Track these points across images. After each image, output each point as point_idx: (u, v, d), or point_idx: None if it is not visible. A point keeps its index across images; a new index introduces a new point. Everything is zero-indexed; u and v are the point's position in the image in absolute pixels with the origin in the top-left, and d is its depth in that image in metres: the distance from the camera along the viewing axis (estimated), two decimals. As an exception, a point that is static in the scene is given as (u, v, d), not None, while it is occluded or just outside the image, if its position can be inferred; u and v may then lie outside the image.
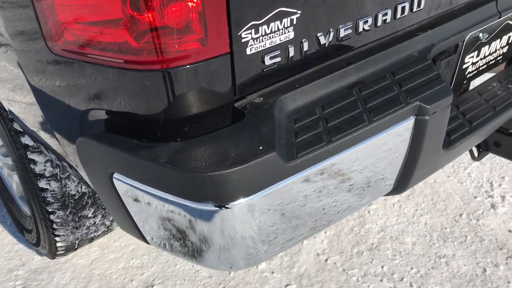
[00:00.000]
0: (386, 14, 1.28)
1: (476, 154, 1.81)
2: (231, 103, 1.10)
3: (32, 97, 1.33)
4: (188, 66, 0.98)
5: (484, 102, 1.54)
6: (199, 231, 1.05)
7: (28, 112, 1.47)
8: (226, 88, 1.06)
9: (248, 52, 1.05)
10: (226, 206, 0.95)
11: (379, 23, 1.28)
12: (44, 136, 1.49)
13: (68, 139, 1.33)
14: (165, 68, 0.97)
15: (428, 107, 1.19)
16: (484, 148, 1.77)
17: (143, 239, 1.23)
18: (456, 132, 1.41)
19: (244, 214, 0.99)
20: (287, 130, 1.10)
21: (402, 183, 1.33)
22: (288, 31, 1.09)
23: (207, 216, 0.98)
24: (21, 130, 1.71)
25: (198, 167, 0.94)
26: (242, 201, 0.97)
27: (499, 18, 1.60)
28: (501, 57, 1.76)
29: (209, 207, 0.95)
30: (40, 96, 1.29)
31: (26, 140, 1.71)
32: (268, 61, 1.09)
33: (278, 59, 1.11)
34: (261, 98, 1.14)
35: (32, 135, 1.62)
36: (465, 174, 2.46)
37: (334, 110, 1.17)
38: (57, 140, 1.39)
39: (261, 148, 0.99)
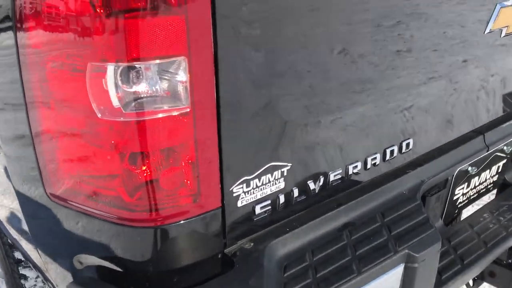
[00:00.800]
0: (375, 158, 1.32)
1: (471, 283, 1.79)
2: (221, 251, 1.11)
3: (18, 204, 1.33)
4: (180, 222, 1.01)
5: (475, 236, 1.55)
6: None
7: (14, 219, 1.47)
8: (216, 237, 1.08)
9: (239, 204, 1.08)
10: None
11: (368, 166, 1.32)
12: (27, 247, 1.48)
13: (50, 256, 1.32)
14: (157, 226, 0.99)
15: (417, 255, 1.20)
16: (479, 277, 1.76)
17: None
18: (448, 270, 1.41)
19: None
20: (276, 280, 1.10)
21: (393, 327, 1.31)
22: (279, 182, 1.13)
23: None
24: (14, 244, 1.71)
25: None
26: None
27: (487, 151, 1.66)
28: (491, 185, 1.80)
29: None
30: (26, 207, 1.29)
31: (19, 255, 1.72)
32: (258, 210, 1.12)
33: (269, 208, 1.14)
34: (252, 244, 1.15)
35: (15, 244, 1.61)
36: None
37: (324, 257, 1.18)
38: (39, 255, 1.38)
39: (248, 307, 0.99)
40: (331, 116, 1.19)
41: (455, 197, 1.62)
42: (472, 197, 1.72)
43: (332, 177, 1.24)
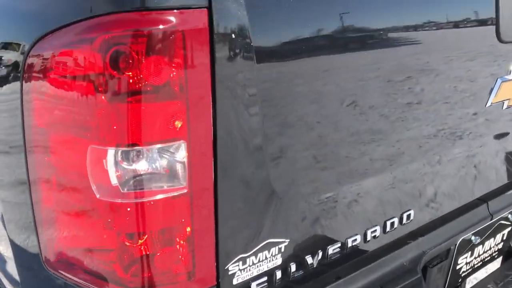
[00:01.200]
0: (375, 230, 1.31)
1: None
2: (215, 327, 1.09)
3: (11, 252, 1.32)
4: (173, 301, 1.00)
5: (479, 311, 1.51)
6: None
7: (6, 268, 1.46)
8: (210, 315, 1.07)
9: (234, 282, 1.07)
10: None
11: (368, 238, 1.31)
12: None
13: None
14: (151, 306, 0.98)
15: (416, 338, 1.17)
16: None
17: None
18: None
19: None
20: None
21: None
22: (276, 258, 1.12)
23: None
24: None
25: None
26: None
27: (491, 220, 1.64)
28: (496, 252, 1.77)
29: None
30: (19, 258, 1.27)
31: (15, 310, 1.70)
32: (254, 287, 1.11)
33: (265, 284, 1.12)
34: (246, 319, 1.14)
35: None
36: None
37: (319, 336, 1.16)
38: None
39: None
40: (329, 190, 1.19)
41: (458, 267, 1.60)
42: (476, 266, 1.69)
43: (330, 251, 1.23)
